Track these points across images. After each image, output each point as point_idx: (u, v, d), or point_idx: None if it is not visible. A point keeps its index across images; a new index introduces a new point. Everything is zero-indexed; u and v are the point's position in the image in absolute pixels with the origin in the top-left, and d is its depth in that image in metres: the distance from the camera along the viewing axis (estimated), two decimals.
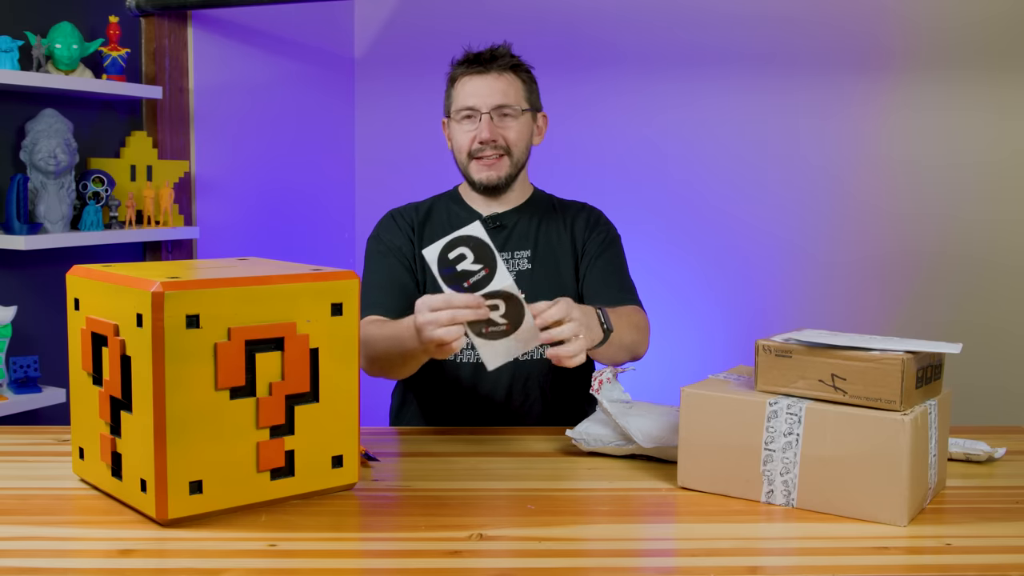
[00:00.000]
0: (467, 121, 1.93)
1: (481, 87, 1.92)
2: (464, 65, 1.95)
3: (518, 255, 1.95)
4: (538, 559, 1.20)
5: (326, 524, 1.30)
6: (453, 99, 1.97)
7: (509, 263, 1.93)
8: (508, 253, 1.95)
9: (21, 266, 2.53)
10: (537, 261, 1.96)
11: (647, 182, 3.39)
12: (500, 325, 1.50)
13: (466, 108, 1.93)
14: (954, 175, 3.14)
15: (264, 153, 3.26)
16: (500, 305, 1.50)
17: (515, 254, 1.96)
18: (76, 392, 1.42)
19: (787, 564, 1.23)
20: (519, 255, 1.95)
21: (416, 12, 3.56)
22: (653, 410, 1.61)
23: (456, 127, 1.96)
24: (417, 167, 3.53)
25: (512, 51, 1.97)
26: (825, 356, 1.37)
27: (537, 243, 1.97)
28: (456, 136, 1.96)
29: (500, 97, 1.92)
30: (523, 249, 1.96)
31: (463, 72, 1.94)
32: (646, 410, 1.61)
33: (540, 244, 1.97)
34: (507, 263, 1.93)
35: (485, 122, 1.91)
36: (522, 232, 1.98)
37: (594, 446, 1.62)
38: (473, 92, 1.92)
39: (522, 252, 1.96)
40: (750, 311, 3.33)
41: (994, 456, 1.62)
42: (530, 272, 1.94)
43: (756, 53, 3.26)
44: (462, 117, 1.94)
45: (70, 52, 2.50)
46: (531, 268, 1.95)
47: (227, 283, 1.28)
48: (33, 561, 1.17)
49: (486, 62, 1.93)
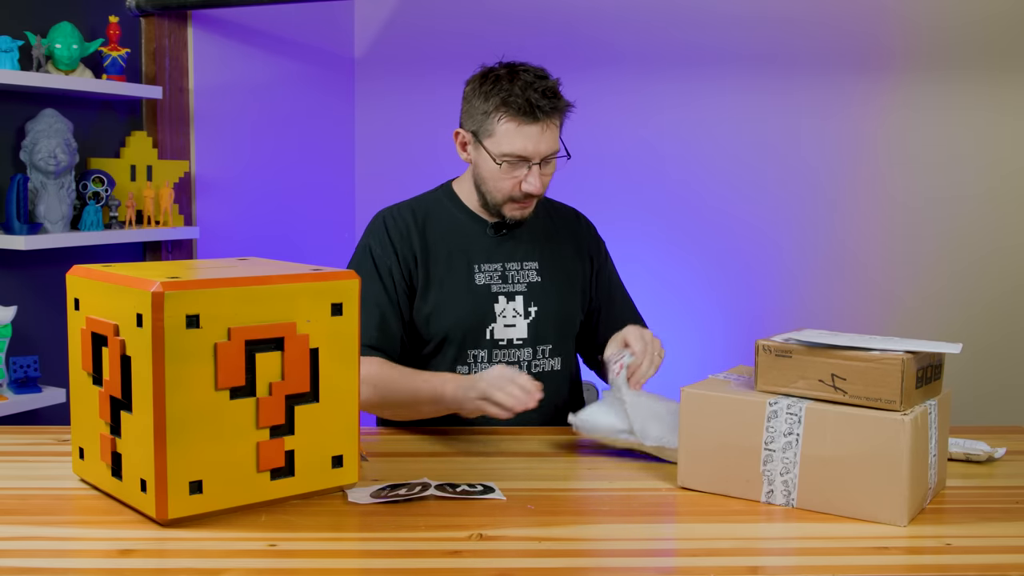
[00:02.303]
0: (511, 167, 1.82)
1: (533, 137, 1.80)
2: (515, 111, 1.78)
3: (527, 266, 1.93)
4: (538, 559, 1.20)
5: (326, 524, 1.30)
6: (495, 136, 1.81)
7: (519, 274, 1.92)
8: (517, 264, 1.92)
9: (21, 266, 2.52)
10: (545, 272, 1.94)
11: (646, 182, 3.39)
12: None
13: (515, 156, 1.80)
14: (954, 175, 3.14)
15: (264, 153, 3.26)
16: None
17: (524, 265, 1.93)
18: (76, 392, 1.42)
19: (787, 564, 1.23)
20: (528, 266, 1.93)
21: (416, 12, 3.56)
22: (658, 407, 1.61)
23: (494, 168, 1.82)
24: (417, 167, 3.52)
25: (559, 86, 1.85)
26: (825, 356, 1.37)
27: (543, 254, 1.96)
28: (495, 177, 1.84)
29: (550, 146, 1.83)
30: (531, 260, 1.94)
31: (513, 116, 1.79)
32: (651, 405, 1.61)
33: (545, 255, 1.96)
34: (517, 273, 1.92)
35: (535, 174, 1.82)
36: (528, 242, 1.95)
37: (593, 435, 1.62)
38: (526, 143, 1.79)
39: (530, 263, 1.93)
40: (750, 311, 3.33)
41: (994, 456, 1.62)
42: (540, 284, 1.93)
43: (755, 53, 3.26)
44: (507, 163, 1.81)
45: (70, 52, 2.50)
46: (540, 280, 1.93)
47: (227, 283, 1.28)
48: (33, 561, 1.17)
49: (546, 114, 1.80)
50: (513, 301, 1.90)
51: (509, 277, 1.91)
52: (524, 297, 1.90)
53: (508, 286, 1.90)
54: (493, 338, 1.88)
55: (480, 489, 1.42)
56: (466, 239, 1.91)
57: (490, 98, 1.81)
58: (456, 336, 1.86)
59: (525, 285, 1.91)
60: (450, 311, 1.86)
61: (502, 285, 1.90)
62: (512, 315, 1.89)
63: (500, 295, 1.89)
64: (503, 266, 1.91)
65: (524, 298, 1.90)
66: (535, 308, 1.91)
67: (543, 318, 1.90)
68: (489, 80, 1.83)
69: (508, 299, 1.89)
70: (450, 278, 1.87)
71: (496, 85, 1.81)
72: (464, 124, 1.88)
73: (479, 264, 1.90)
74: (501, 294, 1.89)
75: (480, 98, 1.83)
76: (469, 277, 1.88)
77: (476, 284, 1.88)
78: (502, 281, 1.90)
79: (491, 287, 1.89)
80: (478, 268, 1.89)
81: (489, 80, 1.83)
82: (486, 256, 1.90)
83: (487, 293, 1.88)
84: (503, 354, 1.87)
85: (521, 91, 1.78)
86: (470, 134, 1.86)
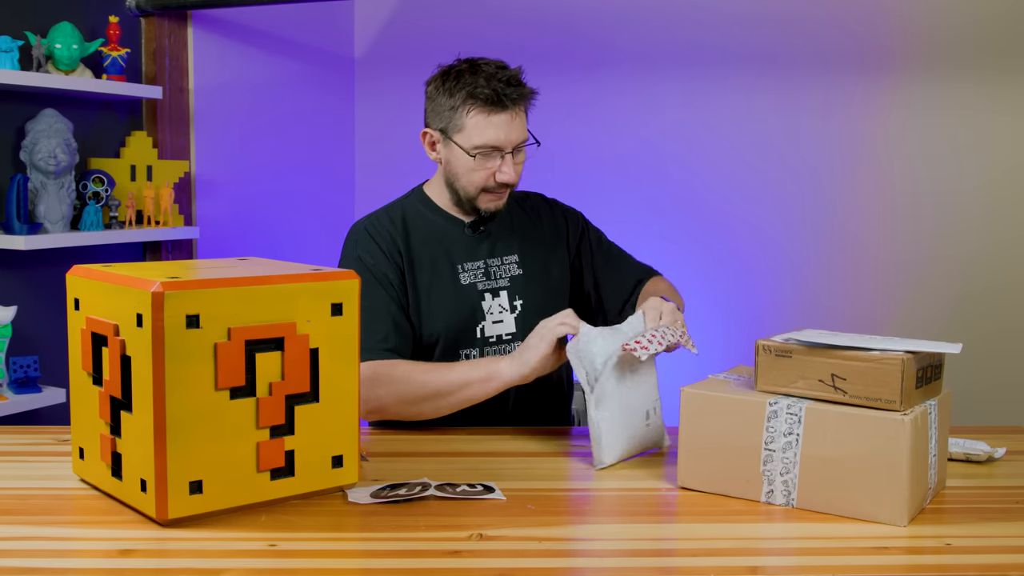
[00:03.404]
0: (485, 159, 1.82)
1: (504, 126, 1.80)
2: (482, 102, 1.79)
3: (507, 260, 1.93)
4: (538, 559, 1.20)
5: (326, 524, 1.30)
6: (465, 130, 1.81)
7: (500, 269, 1.92)
8: (498, 259, 1.93)
9: (21, 266, 2.53)
10: (525, 264, 1.95)
11: (647, 182, 3.39)
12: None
13: (488, 147, 1.81)
14: (954, 173, 3.14)
15: (264, 153, 3.26)
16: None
17: (504, 259, 1.93)
18: (76, 392, 1.42)
19: (787, 564, 1.23)
20: (508, 260, 1.93)
21: (416, 12, 3.56)
22: (630, 419, 1.60)
23: (467, 160, 1.82)
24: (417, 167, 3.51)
25: (516, 68, 1.85)
26: (825, 356, 1.37)
27: (522, 246, 1.96)
28: (469, 170, 1.83)
29: (520, 134, 1.83)
30: (510, 254, 1.94)
31: (481, 107, 1.79)
32: (621, 416, 1.60)
33: (524, 247, 1.96)
34: (498, 269, 1.92)
35: (509, 163, 1.82)
36: (505, 237, 1.95)
37: (576, 357, 1.59)
38: (497, 132, 1.80)
39: (510, 257, 1.94)
40: (750, 311, 3.33)
41: (994, 456, 1.62)
42: (522, 277, 1.93)
43: (756, 53, 3.26)
44: (480, 155, 1.81)
45: (70, 52, 2.50)
46: (522, 272, 1.94)
47: (227, 283, 1.28)
48: (33, 561, 1.17)
49: (513, 102, 1.80)
50: (498, 297, 1.90)
51: (492, 273, 1.91)
52: (508, 292, 1.91)
53: (492, 282, 1.91)
54: (484, 336, 1.88)
55: (480, 489, 1.42)
56: (446, 241, 1.91)
57: (455, 93, 1.81)
58: (449, 338, 1.86)
59: (508, 279, 1.92)
60: (440, 314, 1.86)
61: (486, 282, 1.91)
62: (499, 311, 1.90)
63: (486, 292, 1.90)
64: (485, 263, 1.92)
65: (508, 292, 1.91)
66: (520, 301, 1.91)
67: (528, 310, 1.91)
68: (452, 76, 1.83)
69: (493, 295, 1.90)
70: (437, 282, 1.87)
71: (459, 80, 1.81)
72: (430, 123, 1.88)
73: (462, 264, 1.90)
74: (487, 291, 1.90)
75: (445, 95, 1.83)
76: (454, 278, 1.89)
77: (462, 284, 1.89)
78: (486, 278, 1.91)
79: (476, 285, 1.90)
80: (462, 268, 1.90)
81: (452, 76, 1.83)
82: (468, 255, 1.91)
83: (474, 292, 1.89)
84: (494, 351, 1.88)
85: (486, 82, 1.79)
86: (438, 132, 1.86)
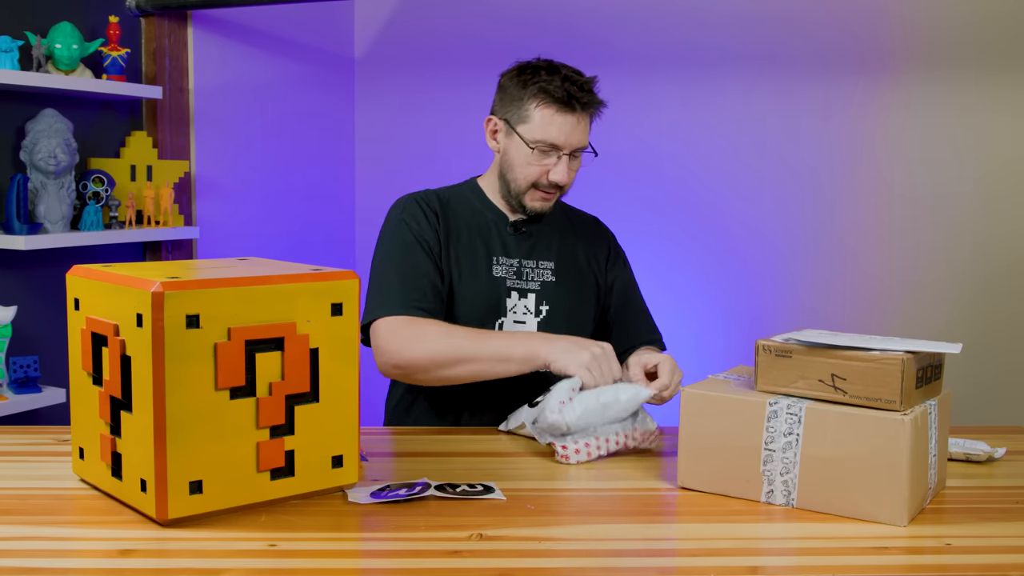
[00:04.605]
0: (542, 155, 1.86)
1: (568, 127, 1.84)
2: (553, 99, 1.83)
3: (543, 265, 1.95)
4: (538, 559, 1.20)
5: (326, 524, 1.30)
6: (530, 122, 1.85)
7: (533, 272, 1.94)
8: (533, 262, 1.95)
9: (21, 266, 2.53)
10: (560, 273, 1.96)
11: (646, 182, 3.39)
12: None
13: (548, 144, 1.85)
14: (953, 174, 3.14)
15: (264, 153, 3.26)
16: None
17: (540, 263, 1.95)
18: (76, 392, 1.42)
19: (787, 564, 1.23)
20: (543, 265, 1.95)
21: (416, 12, 3.56)
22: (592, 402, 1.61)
23: (525, 153, 1.86)
24: (417, 167, 3.53)
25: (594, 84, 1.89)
26: (825, 356, 1.37)
27: (560, 255, 1.98)
28: (524, 164, 1.87)
29: (581, 140, 1.87)
30: (547, 260, 1.96)
31: (550, 103, 1.83)
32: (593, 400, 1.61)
33: (562, 256, 1.98)
34: (532, 271, 1.94)
35: (564, 164, 1.86)
36: (545, 242, 1.98)
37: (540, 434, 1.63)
38: (560, 131, 1.84)
39: (546, 263, 1.96)
40: (750, 311, 3.33)
41: (994, 456, 1.62)
42: (554, 284, 1.95)
43: (755, 53, 3.26)
44: (538, 149, 1.85)
45: (70, 52, 2.50)
46: (555, 280, 1.95)
47: (227, 283, 1.28)
48: (33, 561, 1.17)
49: (583, 106, 1.85)
50: (525, 298, 1.92)
51: (524, 274, 1.93)
52: (537, 295, 1.92)
53: (522, 283, 1.92)
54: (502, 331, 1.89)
55: (480, 489, 1.42)
56: (487, 231, 1.94)
57: (529, 85, 1.86)
58: (468, 323, 1.86)
59: (539, 284, 1.93)
60: (466, 296, 1.88)
61: (516, 281, 1.92)
62: (523, 312, 1.91)
63: (513, 290, 1.91)
64: (519, 263, 1.93)
65: (537, 296, 1.92)
66: (547, 307, 1.93)
67: (553, 318, 1.92)
68: (528, 70, 1.88)
69: (520, 295, 1.91)
70: (469, 266, 1.90)
71: (536, 75, 1.86)
72: (496, 112, 1.93)
73: (497, 257, 1.92)
74: (514, 290, 1.92)
75: (518, 86, 1.87)
76: (488, 268, 1.91)
77: (494, 276, 1.91)
78: (517, 277, 1.92)
79: (506, 281, 1.91)
80: (496, 260, 1.92)
81: (528, 70, 1.88)
82: (504, 251, 1.93)
83: (502, 287, 1.91)
84: None
85: (561, 82, 1.84)
86: (503, 121, 1.90)
